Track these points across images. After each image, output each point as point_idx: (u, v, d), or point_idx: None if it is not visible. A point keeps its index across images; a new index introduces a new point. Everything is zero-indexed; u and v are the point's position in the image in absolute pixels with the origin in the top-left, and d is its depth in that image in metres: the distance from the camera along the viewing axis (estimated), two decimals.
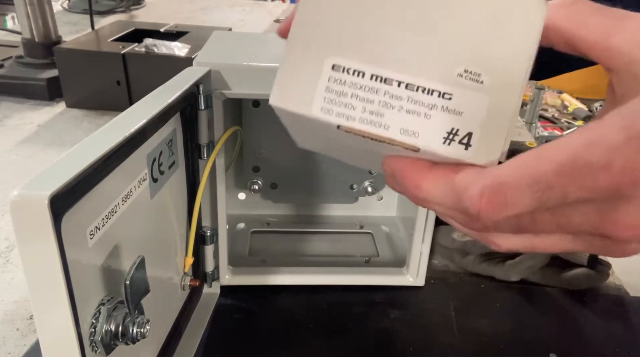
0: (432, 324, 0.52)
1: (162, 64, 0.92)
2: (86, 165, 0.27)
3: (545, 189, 0.19)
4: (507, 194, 0.19)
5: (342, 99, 0.22)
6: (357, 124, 0.22)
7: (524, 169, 0.19)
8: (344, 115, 0.22)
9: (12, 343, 0.48)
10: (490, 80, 0.22)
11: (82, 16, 1.53)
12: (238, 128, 0.52)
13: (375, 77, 0.22)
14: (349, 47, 0.22)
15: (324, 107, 0.22)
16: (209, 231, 0.51)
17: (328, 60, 0.22)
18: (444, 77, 0.22)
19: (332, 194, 0.66)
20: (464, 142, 0.21)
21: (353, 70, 0.22)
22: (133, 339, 0.32)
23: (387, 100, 0.22)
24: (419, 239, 0.54)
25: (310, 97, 0.22)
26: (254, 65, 0.46)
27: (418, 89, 0.22)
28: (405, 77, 0.22)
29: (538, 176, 0.19)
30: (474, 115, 0.22)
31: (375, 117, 0.22)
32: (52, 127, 0.91)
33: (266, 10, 1.78)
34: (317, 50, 0.22)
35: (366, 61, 0.22)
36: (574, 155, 0.18)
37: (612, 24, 0.21)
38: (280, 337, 0.50)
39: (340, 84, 0.22)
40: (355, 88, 0.22)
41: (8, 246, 0.60)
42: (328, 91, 0.22)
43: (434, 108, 0.22)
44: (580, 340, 0.51)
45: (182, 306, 0.48)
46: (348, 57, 0.22)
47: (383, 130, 0.22)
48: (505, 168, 0.19)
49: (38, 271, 0.25)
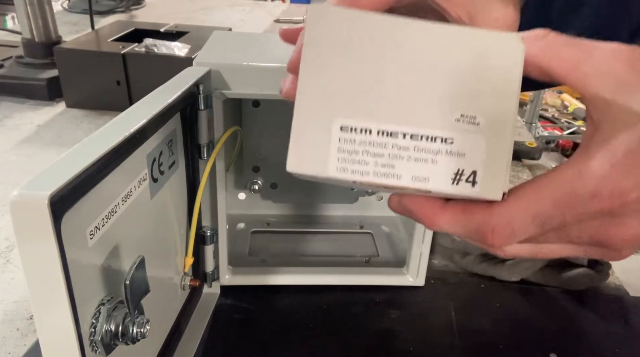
0: (432, 324, 0.52)
1: (162, 64, 0.92)
2: (86, 165, 0.27)
3: (546, 219, 0.23)
4: (514, 228, 0.23)
5: (354, 156, 0.24)
6: (372, 178, 0.24)
7: (526, 206, 0.23)
8: (358, 172, 0.24)
9: (12, 343, 0.48)
10: (485, 121, 0.24)
11: (82, 16, 1.53)
12: (238, 128, 0.52)
13: (382, 132, 0.24)
14: (354, 108, 0.24)
15: (339, 167, 0.24)
16: (209, 231, 0.51)
17: (336, 122, 0.24)
18: (443, 123, 0.24)
19: (332, 194, 0.66)
20: (470, 181, 0.24)
21: (360, 129, 0.24)
22: (133, 339, 0.32)
23: (396, 152, 0.24)
24: (419, 239, 0.54)
25: (324, 159, 0.24)
26: (254, 65, 0.46)
27: (422, 138, 0.24)
28: (409, 129, 0.24)
29: (538, 211, 0.23)
30: (475, 155, 0.24)
31: (387, 169, 0.24)
32: (52, 127, 0.91)
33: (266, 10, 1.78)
34: (324, 113, 0.24)
35: (371, 118, 0.24)
36: (568, 189, 0.22)
37: (582, 54, 0.23)
38: (280, 337, 0.50)
39: (350, 143, 0.24)
40: (365, 145, 0.24)
41: (8, 246, 0.60)
42: (340, 151, 0.24)
43: (439, 153, 0.24)
44: (580, 340, 0.51)
45: (182, 306, 0.48)
46: (354, 117, 0.24)
47: (396, 180, 0.24)
48: (510, 206, 0.23)
49: (38, 271, 0.25)
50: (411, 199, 0.26)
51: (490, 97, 0.24)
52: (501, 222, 0.23)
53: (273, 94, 0.46)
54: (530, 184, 0.23)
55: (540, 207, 0.23)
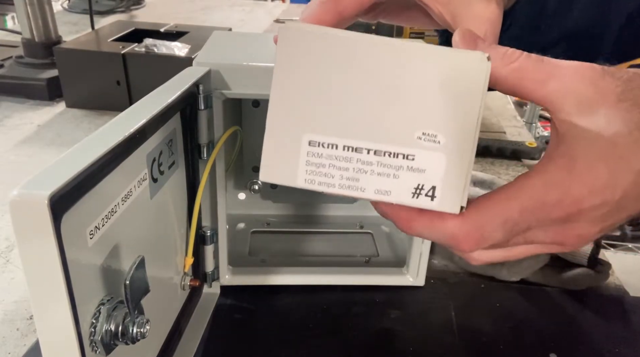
0: (432, 324, 0.52)
1: (162, 64, 0.92)
2: (86, 165, 0.27)
3: (513, 225, 0.25)
4: (484, 233, 0.25)
5: (321, 169, 0.26)
6: (337, 190, 0.26)
7: (495, 213, 0.25)
8: (325, 183, 0.26)
9: (12, 343, 0.48)
10: (446, 140, 0.25)
11: (82, 16, 1.53)
12: (238, 128, 0.52)
13: (347, 148, 0.25)
14: (322, 124, 0.25)
15: (307, 179, 0.26)
16: (209, 231, 0.51)
17: (305, 137, 0.25)
18: (405, 140, 0.25)
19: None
20: (429, 195, 0.25)
21: (327, 144, 0.25)
22: (133, 339, 0.32)
23: (360, 167, 0.25)
24: (419, 239, 0.54)
25: (294, 171, 0.26)
26: (254, 65, 0.46)
27: (385, 154, 0.25)
28: (373, 145, 0.25)
29: (507, 217, 0.25)
30: (435, 171, 0.25)
31: (352, 182, 0.26)
32: (52, 127, 0.91)
33: (266, 10, 1.78)
34: (293, 128, 0.26)
35: (337, 134, 0.25)
36: (534, 198, 0.24)
37: (548, 74, 0.25)
38: (280, 337, 0.50)
39: (318, 156, 0.26)
40: (331, 159, 0.25)
41: (8, 246, 0.60)
42: (308, 164, 0.26)
43: (400, 169, 0.25)
44: (580, 340, 0.51)
45: (182, 306, 0.48)
46: (321, 132, 0.25)
47: (360, 193, 0.26)
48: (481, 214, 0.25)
49: (38, 271, 0.25)
50: (389, 206, 0.27)
51: (452, 116, 0.25)
52: (471, 228, 0.25)
53: None
54: (499, 193, 0.26)
55: (508, 214, 0.25)
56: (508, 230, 0.25)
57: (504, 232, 0.25)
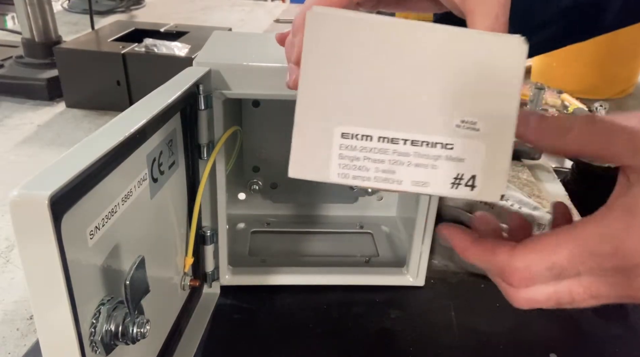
0: (432, 324, 0.52)
1: (162, 64, 0.92)
2: (86, 165, 0.27)
3: (561, 270, 0.25)
4: (532, 273, 0.25)
5: (355, 163, 0.24)
6: (373, 183, 0.25)
7: (544, 256, 0.25)
8: (359, 177, 0.24)
9: (12, 343, 0.48)
10: (485, 126, 0.24)
11: (82, 16, 1.53)
12: (238, 128, 0.52)
13: (383, 139, 0.24)
14: (355, 115, 0.24)
15: (341, 173, 0.24)
16: (209, 231, 0.51)
17: (337, 130, 0.24)
18: (444, 129, 0.24)
19: (332, 194, 0.66)
20: (469, 185, 0.24)
21: (361, 135, 0.24)
22: (133, 339, 0.32)
23: (396, 158, 0.24)
24: (419, 239, 0.54)
25: (326, 165, 0.24)
26: (254, 65, 0.46)
27: (422, 144, 0.24)
28: (410, 135, 0.24)
29: (554, 262, 0.25)
30: (475, 160, 0.24)
31: (387, 175, 0.24)
32: (52, 127, 0.91)
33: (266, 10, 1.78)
34: (325, 120, 0.24)
35: (372, 125, 0.24)
36: (584, 247, 0.24)
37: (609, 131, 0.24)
38: (280, 337, 0.50)
39: (351, 149, 0.24)
40: (366, 151, 0.24)
41: (8, 246, 0.60)
42: (342, 158, 0.24)
43: (439, 159, 0.24)
44: (580, 340, 0.51)
45: (182, 306, 0.48)
46: (355, 124, 0.24)
47: (397, 185, 0.25)
48: (530, 253, 0.25)
49: (38, 271, 0.25)
50: (448, 228, 0.28)
51: (490, 102, 0.24)
52: (520, 266, 0.25)
53: (273, 94, 0.46)
54: (551, 235, 0.25)
55: (556, 259, 0.25)
56: (555, 275, 0.25)
57: (552, 276, 0.25)
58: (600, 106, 1.13)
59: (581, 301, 0.26)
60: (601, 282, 0.25)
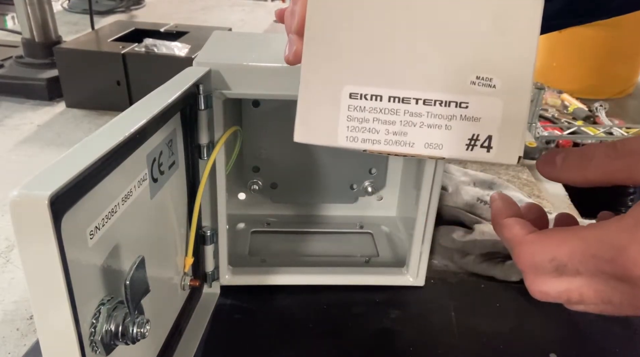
0: (432, 324, 0.52)
1: (162, 64, 0.93)
2: (86, 165, 0.27)
3: (560, 264, 0.26)
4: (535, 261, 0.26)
5: (364, 124, 0.23)
6: (383, 147, 0.23)
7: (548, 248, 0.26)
8: (369, 140, 0.23)
9: (12, 343, 0.48)
10: (501, 83, 0.23)
11: (82, 16, 1.53)
12: (238, 128, 0.52)
13: (393, 99, 0.23)
14: (363, 74, 0.23)
15: (349, 136, 0.23)
16: (209, 231, 0.51)
17: (345, 89, 0.23)
18: (458, 87, 0.23)
19: (332, 194, 0.66)
20: (485, 146, 0.23)
21: (370, 95, 0.23)
22: (133, 339, 0.32)
23: (408, 119, 0.23)
24: (419, 239, 0.54)
25: (334, 128, 0.23)
26: (254, 65, 0.46)
27: (436, 103, 0.23)
28: (422, 94, 0.23)
29: (556, 256, 0.25)
30: (491, 119, 0.23)
31: (399, 137, 0.23)
32: (52, 127, 0.91)
33: (266, 10, 1.78)
34: (332, 80, 0.23)
35: (382, 84, 0.23)
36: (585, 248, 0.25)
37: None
38: (280, 337, 0.50)
39: (360, 110, 0.23)
40: (376, 112, 0.23)
41: (8, 246, 0.60)
42: (350, 120, 0.23)
43: (453, 118, 0.23)
44: (580, 340, 0.51)
45: (182, 306, 0.48)
46: (363, 83, 0.23)
47: (409, 148, 0.23)
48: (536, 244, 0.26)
49: (38, 271, 0.25)
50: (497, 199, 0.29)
51: (507, 56, 0.23)
52: (527, 250, 0.26)
53: (273, 94, 0.46)
54: (559, 231, 0.26)
55: (557, 254, 0.25)
56: (555, 267, 0.26)
57: (552, 269, 0.26)
58: (600, 106, 1.13)
59: (591, 303, 0.28)
60: (609, 287, 0.25)
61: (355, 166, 0.63)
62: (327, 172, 0.64)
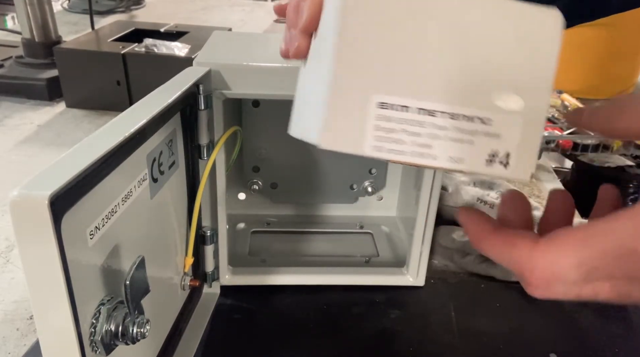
0: (432, 324, 0.52)
1: (162, 64, 0.93)
2: (86, 165, 0.27)
3: (591, 269, 0.21)
4: (555, 272, 0.22)
5: (391, 135, 0.23)
6: (408, 158, 0.23)
7: (573, 251, 0.21)
8: (395, 151, 0.23)
9: (12, 343, 0.48)
10: (523, 101, 0.23)
11: (82, 16, 1.53)
12: (238, 128, 0.52)
13: (421, 111, 0.23)
14: (393, 83, 0.22)
15: (375, 145, 0.23)
16: (209, 231, 0.51)
17: (374, 98, 0.22)
18: (484, 103, 0.23)
19: (332, 194, 0.66)
20: (503, 162, 0.24)
21: (399, 106, 0.23)
22: (133, 339, 0.32)
23: (434, 132, 0.23)
24: (419, 239, 0.54)
25: (361, 136, 0.22)
26: (254, 65, 0.45)
27: (461, 118, 0.23)
28: (449, 108, 0.23)
29: (585, 259, 0.21)
30: (511, 137, 0.23)
31: (424, 150, 0.23)
32: (52, 127, 0.91)
33: (266, 10, 1.78)
34: (361, 88, 0.22)
35: (411, 96, 0.23)
36: (619, 243, 0.20)
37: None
38: (280, 337, 0.50)
39: (387, 120, 0.23)
40: (403, 123, 0.23)
41: (8, 246, 0.60)
42: (377, 129, 0.23)
43: (476, 134, 0.23)
44: (580, 340, 0.51)
45: (182, 306, 0.48)
46: (393, 93, 0.22)
47: (432, 161, 0.23)
48: (556, 248, 0.22)
49: (38, 271, 0.25)
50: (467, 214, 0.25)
51: (529, 75, 0.23)
52: (541, 264, 0.22)
53: (273, 94, 0.46)
54: (579, 230, 0.22)
55: (586, 257, 0.21)
56: (584, 274, 0.21)
57: (579, 275, 0.21)
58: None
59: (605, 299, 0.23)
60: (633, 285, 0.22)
61: (355, 166, 0.63)
62: (327, 172, 0.64)
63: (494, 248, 0.24)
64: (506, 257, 0.24)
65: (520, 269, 0.23)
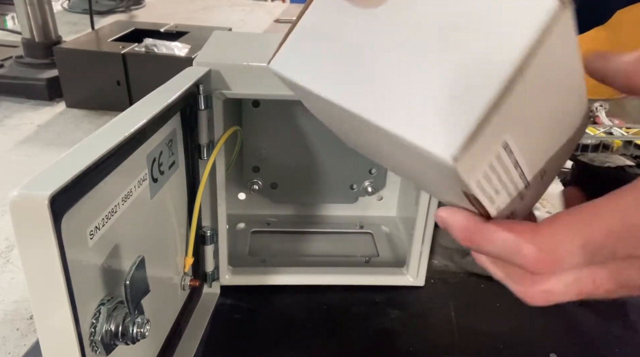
0: (432, 324, 0.52)
1: (162, 64, 0.92)
2: (86, 165, 0.27)
3: (596, 249, 0.20)
4: (560, 254, 0.21)
5: (495, 182, 0.21)
6: (491, 207, 0.22)
7: (577, 231, 0.20)
8: (490, 198, 0.22)
9: (12, 343, 0.48)
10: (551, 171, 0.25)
11: (82, 16, 1.53)
12: (238, 128, 0.52)
13: (519, 167, 0.22)
14: (521, 130, 0.20)
15: (480, 183, 0.21)
16: (209, 231, 0.51)
17: (504, 137, 0.20)
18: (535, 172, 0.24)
19: (332, 194, 0.66)
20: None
21: (514, 158, 0.21)
22: (133, 339, 0.32)
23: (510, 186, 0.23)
24: (419, 239, 0.54)
25: (475, 167, 0.20)
26: (254, 65, 0.46)
27: (525, 180, 0.23)
28: (528, 171, 0.23)
29: (590, 238, 0.20)
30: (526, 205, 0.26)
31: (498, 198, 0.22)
32: (52, 127, 0.91)
33: (266, 10, 1.78)
34: (496, 132, 0.19)
35: (525, 150, 0.21)
36: (624, 218, 0.20)
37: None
38: (280, 337, 0.50)
39: (500, 163, 0.21)
40: (505, 172, 0.21)
41: (8, 246, 0.60)
42: (490, 168, 0.20)
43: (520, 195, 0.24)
44: (580, 340, 0.51)
45: (182, 306, 0.48)
46: (518, 141, 0.21)
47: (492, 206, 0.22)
48: (559, 229, 0.21)
49: (38, 271, 0.25)
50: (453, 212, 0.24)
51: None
52: (546, 245, 0.21)
53: (273, 94, 0.46)
54: (582, 209, 0.21)
55: (592, 234, 0.20)
56: (589, 254, 0.20)
57: (584, 256, 0.20)
58: (600, 106, 1.13)
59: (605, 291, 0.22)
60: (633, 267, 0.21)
61: (355, 166, 0.63)
62: (327, 172, 0.64)
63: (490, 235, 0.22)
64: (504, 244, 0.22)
65: (522, 258, 0.21)
